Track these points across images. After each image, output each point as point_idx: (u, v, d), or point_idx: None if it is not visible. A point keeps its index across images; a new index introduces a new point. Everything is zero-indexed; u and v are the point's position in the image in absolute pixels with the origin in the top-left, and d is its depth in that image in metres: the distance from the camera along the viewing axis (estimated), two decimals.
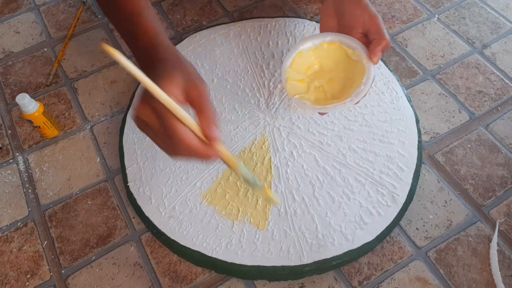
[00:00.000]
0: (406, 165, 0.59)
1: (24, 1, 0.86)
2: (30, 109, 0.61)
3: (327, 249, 0.53)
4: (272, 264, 0.53)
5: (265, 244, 0.54)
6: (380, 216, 0.55)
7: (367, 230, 0.54)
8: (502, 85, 0.69)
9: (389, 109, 0.65)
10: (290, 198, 0.57)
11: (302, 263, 0.52)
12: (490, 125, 0.65)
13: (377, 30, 0.54)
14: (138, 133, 0.64)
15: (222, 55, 0.72)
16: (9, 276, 0.56)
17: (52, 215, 0.60)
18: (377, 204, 0.56)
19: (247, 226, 0.55)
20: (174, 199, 0.58)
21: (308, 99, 0.56)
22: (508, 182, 0.60)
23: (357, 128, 0.63)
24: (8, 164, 0.65)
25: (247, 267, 0.53)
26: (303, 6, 0.81)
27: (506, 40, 0.74)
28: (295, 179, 0.59)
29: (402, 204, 0.56)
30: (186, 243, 0.55)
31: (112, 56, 0.33)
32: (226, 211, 0.57)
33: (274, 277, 0.53)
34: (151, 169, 0.60)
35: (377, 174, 0.59)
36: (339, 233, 0.54)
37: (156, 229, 0.56)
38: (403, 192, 0.57)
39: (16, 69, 0.76)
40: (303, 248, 0.53)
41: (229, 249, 0.54)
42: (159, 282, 0.55)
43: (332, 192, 0.57)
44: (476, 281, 0.53)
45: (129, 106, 0.68)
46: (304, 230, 0.55)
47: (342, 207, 0.56)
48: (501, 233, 0.56)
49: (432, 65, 0.72)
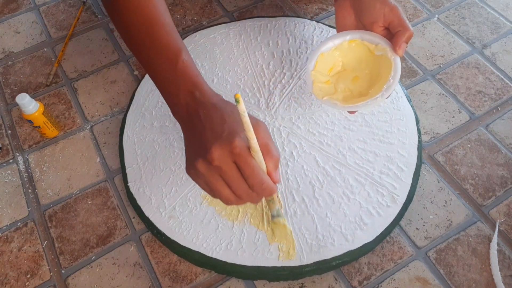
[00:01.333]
0: (406, 165, 0.59)
1: (24, 1, 0.86)
2: (30, 109, 0.61)
3: (327, 249, 0.53)
4: (272, 264, 0.53)
5: (265, 245, 0.54)
6: (380, 216, 0.55)
7: (367, 230, 0.54)
8: (502, 85, 0.69)
9: (389, 109, 0.65)
10: (290, 199, 0.57)
11: (302, 264, 0.52)
12: (490, 125, 0.65)
13: (400, 21, 0.53)
14: (138, 133, 0.64)
15: (222, 54, 0.72)
16: (9, 276, 0.56)
17: (52, 215, 0.60)
18: (377, 205, 0.56)
19: (247, 226, 0.55)
20: (174, 199, 0.58)
21: (336, 99, 0.56)
22: (508, 182, 0.60)
23: (357, 128, 0.63)
24: (8, 164, 0.65)
25: (247, 267, 0.53)
26: (303, 6, 0.81)
27: (506, 40, 0.74)
28: (295, 179, 0.59)
29: (402, 205, 0.56)
30: (187, 244, 0.55)
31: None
32: (226, 211, 0.57)
33: (274, 278, 0.53)
34: (151, 169, 0.60)
35: (377, 174, 0.59)
36: (339, 233, 0.54)
37: (156, 230, 0.56)
38: (403, 192, 0.57)
39: (16, 69, 0.76)
40: (303, 249, 0.53)
41: (229, 249, 0.54)
42: (159, 282, 0.55)
43: (332, 192, 0.57)
44: (476, 281, 0.53)
45: (129, 106, 0.68)
46: (304, 231, 0.55)
47: (342, 207, 0.56)
48: (501, 233, 0.56)
49: (432, 65, 0.72)
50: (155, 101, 0.67)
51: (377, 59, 0.56)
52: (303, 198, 0.57)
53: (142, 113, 0.66)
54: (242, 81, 0.69)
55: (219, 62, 0.71)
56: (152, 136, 0.64)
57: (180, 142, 0.63)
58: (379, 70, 0.56)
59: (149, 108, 0.66)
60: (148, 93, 0.68)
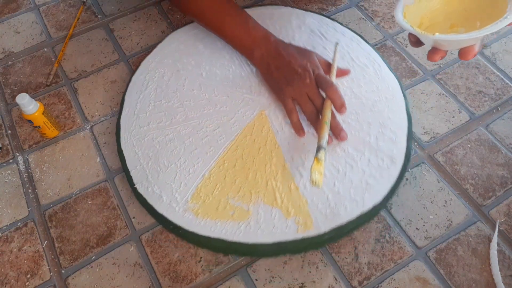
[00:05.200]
0: (398, 129, 0.62)
1: (24, 1, 0.86)
2: (30, 109, 0.61)
3: (341, 216, 0.56)
4: (292, 238, 0.54)
5: (283, 221, 0.56)
6: (383, 178, 0.58)
7: (374, 192, 0.57)
8: (502, 85, 0.69)
9: (374, 80, 0.68)
10: (297, 174, 0.59)
11: (320, 233, 0.55)
12: (490, 125, 0.65)
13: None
14: (135, 135, 0.64)
15: (206, 49, 0.73)
16: (9, 276, 0.56)
17: (52, 215, 0.60)
18: (379, 168, 0.59)
19: (261, 206, 0.57)
20: (185, 192, 0.59)
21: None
22: (508, 182, 0.60)
23: (348, 101, 0.64)
24: (8, 164, 0.65)
25: (269, 245, 0.54)
26: (303, 5, 0.81)
27: (506, 40, 0.74)
28: (299, 156, 0.61)
29: (402, 165, 0.59)
30: (206, 233, 0.55)
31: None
32: (239, 196, 0.58)
33: (296, 250, 0.55)
34: (156, 168, 0.61)
35: (373, 141, 0.61)
36: (350, 199, 0.57)
37: (172, 225, 0.57)
38: (400, 154, 0.60)
39: (16, 69, 0.76)
40: (319, 219, 0.56)
41: (249, 231, 0.55)
42: (159, 282, 0.55)
43: (335, 163, 0.60)
44: (476, 281, 0.53)
45: (120, 111, 0.67)
46: (317, 202, 0.57)
47: (347, 175, 0.59)
48: (501, 233, 0.56)
49: (432, 65, 0.72)
50: (147, 102, 0.67)
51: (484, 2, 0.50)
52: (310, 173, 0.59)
53: (135, 115, 0.66)
54: (230, 71, 0.70)
55: (204, 56, 0.72)
56: (150, 136, 0.64)
57: (180, 137, 0.63)
58: (482, 8, 0.50)
59: (143, 109, 0.67)
60: (138, 94, 0.68)
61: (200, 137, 0.63)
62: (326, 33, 0.74)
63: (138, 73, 0.71)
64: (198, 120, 0.65)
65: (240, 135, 0.63)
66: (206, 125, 0.64)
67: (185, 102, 0.67)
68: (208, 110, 0.66)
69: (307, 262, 0.55)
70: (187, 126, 0.64)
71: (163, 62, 0.72)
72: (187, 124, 0.65)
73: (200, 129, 0.64)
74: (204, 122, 0.65)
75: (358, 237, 0.57)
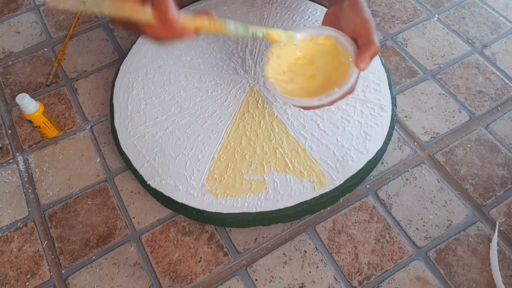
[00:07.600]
0: (379, 79, 0.67)
1: (24, 1, 0.86)
2: (30, 109, 0.61)
3: (350, 166, 0.60)
4: (311, 197, 0.58)
5: (298, 183, 0.59)
6: (379, 125, 0.63)
7: (374, 140, 0.62)
8: (502, 85, 0.69)
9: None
10: (301, 138, 0.62)
11: (335, 186, 0.58)
12: (490, 125, 0.65)
13: (367, 35, 0.51)
14: (134, 135, 0.64)
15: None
16: (9, 276, 0.56)
17: (52, 215, 0.60)
18: (372, 118, 0.64)
19: (276, 175, 0.60)
20: (200, 177, 0.60)
21: (285, 88, 0.54)
22: (508, 182, 0.60)
23: None
24: (8, 164, 0.65)
25: (292, 207, 0.57)
26: None
27: (506, 40, 0.74)
28: (299, 121, 0.64)
29: (391, 111, 0.64)
30: (229, 210, 0.57)
31: None
32: (252, 169, 0.60)
33: (317, 208, 0.58)
34: (164, 161, 0.62)
35: (361, 94, 0.66)
36: (354, 150, 0.61)
37: (195, 210, 0.58)
38: (387, 101, 0.65)
39: (16, 69, 0.76)
40: (331, 174, 0.59)
41: (269, 199, 0.58)
42: (159, 282, 0.55)
43: (333, 120, 0.64)
44: (476, 281, 0.53)
45: (112, 116, 0.67)
46: (325, 159, 0.60)
47: (346, 130, 0.63)
48: (501, 233, 0.56)
49: (432, 65, 0.72)
50: (137, 102, 0.67)
51: (340, 66, 0.54)
52: (312, 134, 0.63)
53: (129, 116, 0.66)
54: (212, 57, 0.71)
55: (181, 48, 0.73)
56: (150, 133, 0.64)
57: (180, 128, 0.64)
58: (337, 76, 0.54)
59: (135, 110, 0.67)
60: (126, 96, 0.68)
61: (200, 123, 0.64)
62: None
63: (120, 77, 0.71)
64: (193, 109, 0.66)
65: (238, 114, 0.65)
66: (202, 111, 0.66)
67: (176, 95, 0.68)
68: (201, 97, 0.67)
69: (307, 262, 0.55)
70: (185, 116, 0.65)
71: (142, 61, 0.72)
72: (184, 114, 0.66)
73: (198, 116, 0.65)
74: (200, 109, 0.66)
75: (358, 237, 0.57)
